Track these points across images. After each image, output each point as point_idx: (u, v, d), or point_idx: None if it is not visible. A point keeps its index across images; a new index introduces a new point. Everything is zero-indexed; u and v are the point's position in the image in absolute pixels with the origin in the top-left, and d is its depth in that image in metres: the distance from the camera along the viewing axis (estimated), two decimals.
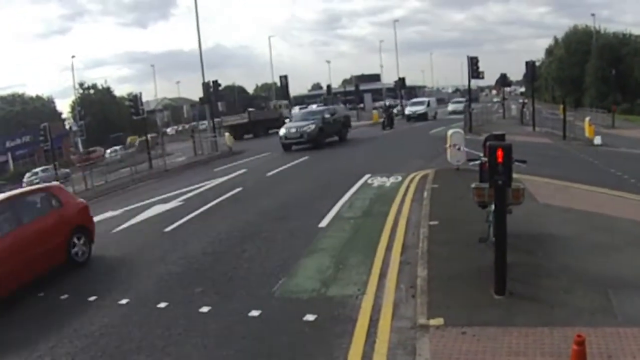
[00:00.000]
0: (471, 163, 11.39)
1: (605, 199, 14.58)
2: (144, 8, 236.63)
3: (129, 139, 63.36)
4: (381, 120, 50.18)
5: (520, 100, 61.34)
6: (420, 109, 60.19)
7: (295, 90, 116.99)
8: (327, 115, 35.56)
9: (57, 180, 35.45)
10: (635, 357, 6.10)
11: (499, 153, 7.53)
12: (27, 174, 50.45)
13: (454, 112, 65.74)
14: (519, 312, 7.33)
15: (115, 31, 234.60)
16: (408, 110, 61.33)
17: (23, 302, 10.52)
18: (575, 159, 24.92)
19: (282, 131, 35.10)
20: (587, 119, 34.55)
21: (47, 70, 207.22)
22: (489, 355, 6.38)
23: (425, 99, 66.82)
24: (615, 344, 6.36)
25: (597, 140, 26.22)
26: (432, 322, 7.27)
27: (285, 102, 71.68)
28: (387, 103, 60.03)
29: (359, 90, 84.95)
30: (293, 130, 34.01)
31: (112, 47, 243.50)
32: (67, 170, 43.16)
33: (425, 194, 15.28)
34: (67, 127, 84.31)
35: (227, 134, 41.66)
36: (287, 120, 40.92)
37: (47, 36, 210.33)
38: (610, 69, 67.52)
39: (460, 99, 78.52)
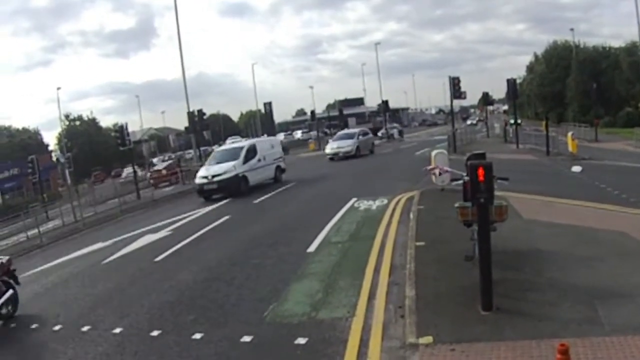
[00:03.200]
0: (454, 183, 11.52)
1: (589, 212, 14.73)
2: (124, 38, 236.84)
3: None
4: None
5: (514, 122, 53.95)
6: (222, 170, 27.57)
7: (279, 116, 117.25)
8: None
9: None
10: None
11: (480, 171, 7.67)
12: None
13: (335, 156, 43.24)
14: (506, 326, 7.42)
15: (97, 62, 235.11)
16: (200, 176, 28.60)
17: (16, 335, 10.58)
18: (559, 174, 25.10)
19: None
20: (570, 133, 34.74)
21: (32, 103, 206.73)
22: None
23: (242, 144, 31.08)
24: (602, 353, 6.44)
25: (576, 169, 25.82)
26: (422, 340, 7.34)
27: None
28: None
29: (343, 114, 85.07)
30: None
31: (95, 78, 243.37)
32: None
33: (411, 215, 15.42)
34: (54, 159, 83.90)
35: None
36: None
37: (30, 68, 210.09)
38: (591, 83, 67.95)
39: (352, 131, 50.18)
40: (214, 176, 27.22)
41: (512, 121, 53.02)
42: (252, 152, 29.09)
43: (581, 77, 78.15)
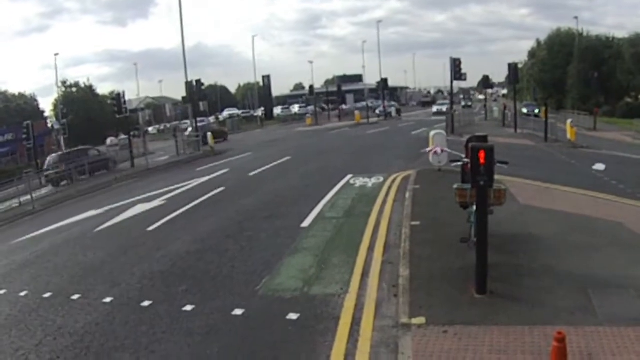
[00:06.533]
0: (453, 164, 11.44)
1: (585, 200, 14.70)
2: (123, 6, 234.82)
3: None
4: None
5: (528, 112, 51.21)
6: None
7: (277, 90, 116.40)
8: None
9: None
10: (615, 355, 6.18)
11: (481, 154, 7.60)
12: None
13: None
14: (499, 311, 7.40)
15: (94, 29, 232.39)
16: None
17: (7, 301, 10.52)
18: (556, 161, 25.06)
19: None
20: (569, 121, 34.64)
21: (29, 68, 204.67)
22: (471, 353, 6.45)
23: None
24: (595, 343, 6.44)
25: (599, 166, 24.64)
26: (414, 321, 7.33)
27: None
28: None
29: (341, 90, 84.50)
30: None
31: (92, 45, 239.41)
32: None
33: (407, 194, 15.34)
34: (50, 125, 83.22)
35: (209, 133, 41.41)
36: None
37: (27, 34, 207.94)
38: (593, 72, 67.77)
39: None
40: None
41: (529, 111, 52.99)
42: None
43: (583, 66, 77.90)
